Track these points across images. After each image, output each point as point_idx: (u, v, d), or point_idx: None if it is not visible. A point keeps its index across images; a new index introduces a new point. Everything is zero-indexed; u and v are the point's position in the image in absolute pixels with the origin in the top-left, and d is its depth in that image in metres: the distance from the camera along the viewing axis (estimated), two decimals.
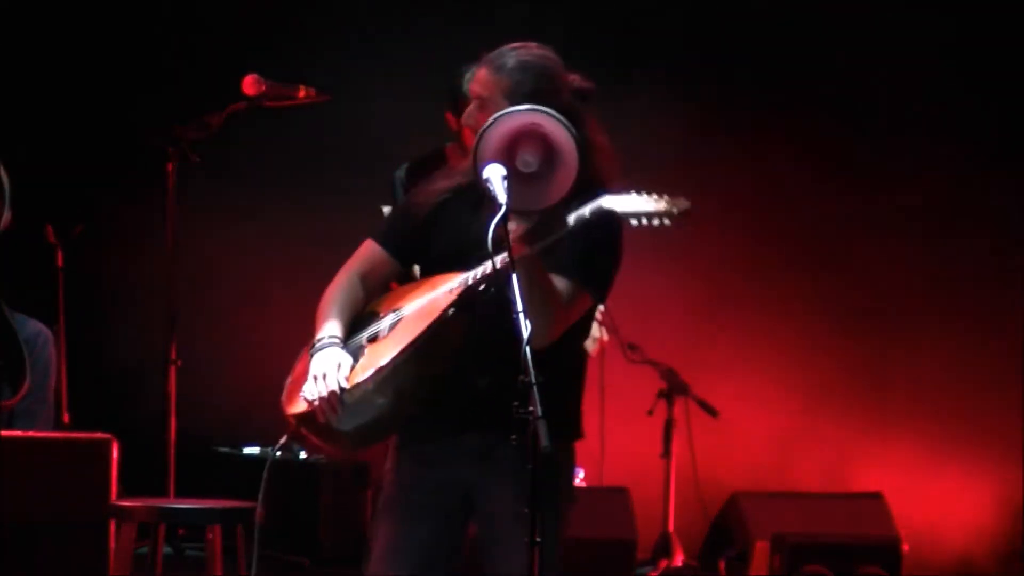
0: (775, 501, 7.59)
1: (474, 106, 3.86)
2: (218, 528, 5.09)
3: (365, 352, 3.82)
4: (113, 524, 5.34)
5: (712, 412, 7.51)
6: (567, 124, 3.59)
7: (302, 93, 6.42)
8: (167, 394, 6.24)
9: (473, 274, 3.72)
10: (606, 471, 7.93)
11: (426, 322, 3.73)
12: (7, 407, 5.65)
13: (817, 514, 7.40)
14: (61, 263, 6.94)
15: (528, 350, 3.34)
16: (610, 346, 7.02)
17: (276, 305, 7.88)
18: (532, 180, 3.61)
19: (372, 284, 3.95)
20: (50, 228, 6.90)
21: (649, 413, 7.54)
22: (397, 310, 3.85)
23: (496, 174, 3.56)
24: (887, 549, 7.01)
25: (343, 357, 3.80)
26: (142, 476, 6.25)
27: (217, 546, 5.10)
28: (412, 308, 3.81)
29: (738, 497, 7.58)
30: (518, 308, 3.41)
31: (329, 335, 3.84)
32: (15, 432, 5.57)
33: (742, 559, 7.34)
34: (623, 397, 7.69)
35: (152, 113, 7.48)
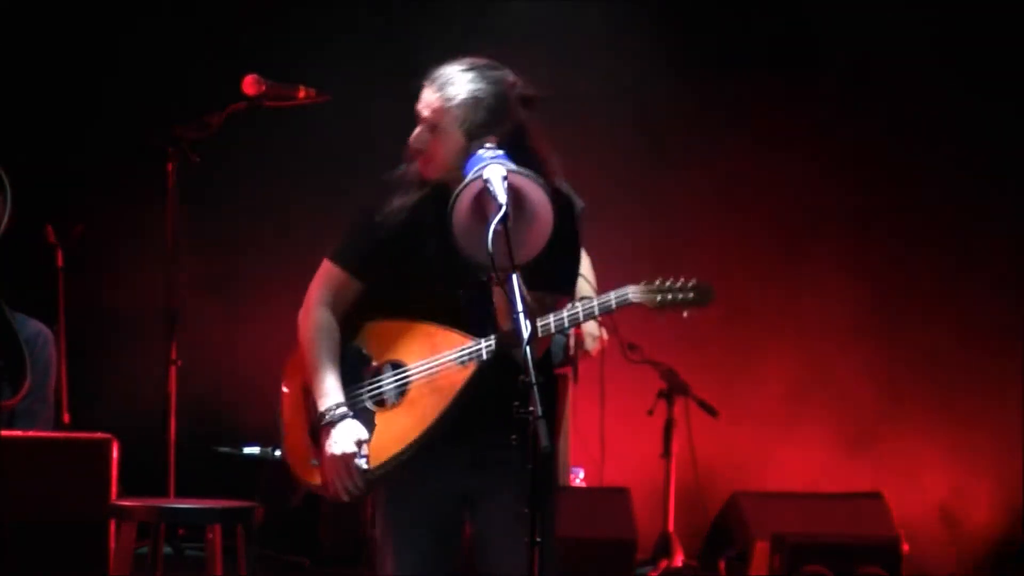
0: (775, 501, 7.59)
1: (424, 129, 3.81)
2: (218, 528, 5.09)
3: (377, 423, 3.83)
4: (113, 524, 5.33)
5: (712, 412, 7.51)
6: (536, 178, 3.58)
7: (302, 93, 6.42)
8: (167, 394, 6.24)
9: (484, 347, 3.76)
10: (606, 471, 7.94)
11: (444, 401, 3.78)
12: (8, 407, 5.65)
13: (817, 514, 7.39)
14: (61, 263, 6.95)
15: (528, 350, 3.35)
16: (610, 346, 7.02)
17: (276, 305, 7.87)
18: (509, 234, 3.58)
19: (340, 309, 3.94)
20: (50, 228, 6.90)
21: (649, 413, 7.54)
22: (397, 367, 3.86)
23: (496, 175, 3.55)
24: (887, 549, 7.01)
25: (360, 433, 3.81)
26: (142, 476, 6.25)
27: (217, 546, 5.10)
28: (419, 373, 3.82)
29: (738, 497, 7.57)
30: (518, 308, 3.41)
31: (336, 403, 3.83)
32: (15, 432, 5.57)
33: (742, 559, 7.33)
34: (623, 397, 7.69)
35: (152, 113, 7.48)
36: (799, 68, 8.29)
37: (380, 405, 3.86)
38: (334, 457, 3.79)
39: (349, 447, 3.78)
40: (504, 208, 3.48)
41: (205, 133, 6.34)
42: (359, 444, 3.79)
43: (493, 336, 3.75)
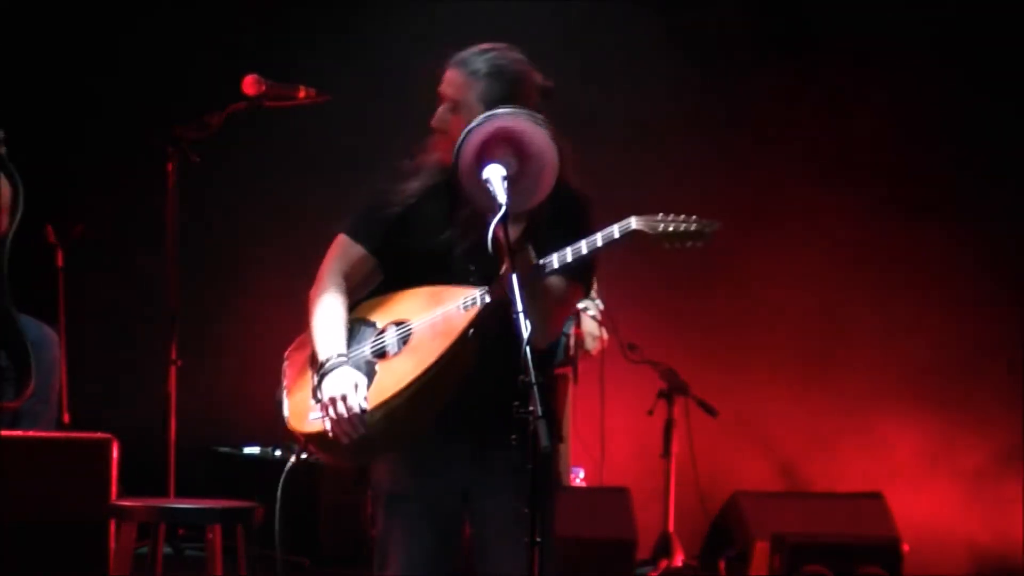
0: (775, 501, 7.60)
1: (445, 109, 3.87)
2: (218, 528, 5.09)
3: (378, 370, 3.82)
4: (113, 524, 5.33)
5: (712, 412, 7.50)
6: (544, 122, 3.65)
7: (302, 93, 6.42)
8: (167, 394, 6.23)
9: (486, 292, 3.75)
10: (606, 471, 7.93)
11: (446, 342, 3.75)
12: (12, 408, 5.65)
13: (817, 514, 7.40)
14: (61, 263, 6.94)
15: (528, 350, 3.35)
16: (610, 346, 7.03)
17: (276, 305, 7.87)
18: (514, 182, 3.63)
19: (352, 284, 3.96)
20: (50, 228, 6.90)
21: (649, 413, 7.54)
22: (401, 324, 3.85)
23: (496, 174, 3.59)
24: (887, 549, 7.01)
25: (358, 377, 3.79)
26: (142, 476, 6.25)
27: (217, 546, 5.10)
28: (421, 323, 3.81)
29: (738, 497, 7.58)
30: (518, 308, 3.42)
31: (337, 353, 3.83)
32: (15, 432, 5.57)
33: (742, 559, 7.34)
34: (623, 397, 7.69)
35: (152, 113, 7.48)
36: (798, 68, 8.30)
37: (381, 356, 3.85)
38: (332, 399, 3.75)
39: (346, 387, 3.75)
40: (504, 208, 3.51)
41: (205, 133, 6.33)
42: (355, 385, 3.76)
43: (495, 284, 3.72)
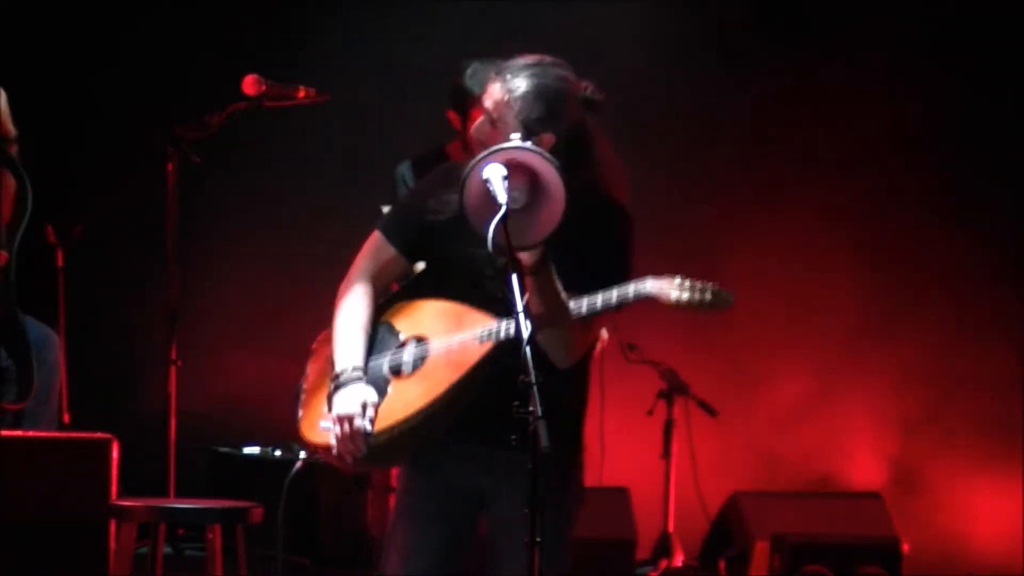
0: (775, 501, 7.59)
1: (484, 120, 3.85)
2: (218, 528, 5.09)
3: (390, 390, 3.84)
4: (113, 524, 5.33)
5: (712, 412, 7.51)
6: (549, 157, 3.60)
7: (302, 93, 6.41)
8: (167, 394, 6.23)
9: (505, 328, 3.74)
10: (606, 471, 7.92)
11: (456, 374, 3.78)
12: (14, 408, 5.66)
13: (817, 514, 7.39)
14: (61, 263, 6.94)
15: (528, 350, 3.35)
16: (610, 346, 7.02)
17: (276, 305, 7.89)
18: (521, 214, 3.61)
19: (382, 283, 3.98)
20: (50, 228, 6.89)
21: (649, 413, 7.54)
22: (420, 340, 3.86)
23: (496, 174, 3.57)
24: (887, 549, 7.01)
25: (368, 395, 3.80)
26: (142, 476, 6.25)
27: (217, 546, 5.10)
28: (439, 347, 3.82)
29: (738, 497, 7.57)
30: (518, 308, 3.42)
31: (352, 366, 3.84)
32: (15, 432, 5.57)
33: (742, 559, 7.34)
34: (623, 397, 7.68)
35: (152, 113, 7.48)
36: (799, 68, 8.29)
37: (396, 374, 3.86)
38: (339, 417, 3.78)
39: (354, 407, 3.77)
40: (504, 208, 3.51)
41: (205, 133, 6.33)
42: (364, 406, 3.78)
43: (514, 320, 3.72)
